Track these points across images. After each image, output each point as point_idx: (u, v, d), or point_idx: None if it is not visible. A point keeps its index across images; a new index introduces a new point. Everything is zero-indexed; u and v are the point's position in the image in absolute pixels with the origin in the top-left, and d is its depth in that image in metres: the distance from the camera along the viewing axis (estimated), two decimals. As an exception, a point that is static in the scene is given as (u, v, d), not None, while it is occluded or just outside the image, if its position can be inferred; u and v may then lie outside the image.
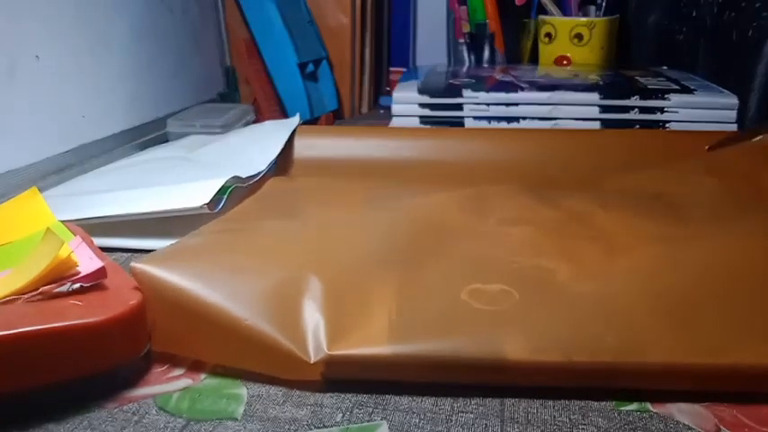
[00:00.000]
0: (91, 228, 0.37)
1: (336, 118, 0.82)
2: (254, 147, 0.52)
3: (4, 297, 0.27)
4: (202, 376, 0.28)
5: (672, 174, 0.46)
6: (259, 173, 0.46)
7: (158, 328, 0.29)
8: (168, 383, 0.27)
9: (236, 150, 0.53)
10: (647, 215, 0.39)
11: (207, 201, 0.40)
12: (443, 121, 0.61)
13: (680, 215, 0.39)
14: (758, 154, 0.47)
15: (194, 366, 0.29)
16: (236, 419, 0.25)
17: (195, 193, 0.40)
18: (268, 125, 0.58)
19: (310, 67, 0.77)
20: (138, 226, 0.41)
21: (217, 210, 0.41)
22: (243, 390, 0.27)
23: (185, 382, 0.27)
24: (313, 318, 0.27)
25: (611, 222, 0.38)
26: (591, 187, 0.45)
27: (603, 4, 0.77)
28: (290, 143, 0.53)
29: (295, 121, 0.55)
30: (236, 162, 0.49)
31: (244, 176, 0.45)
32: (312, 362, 0.26)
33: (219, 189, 0.41)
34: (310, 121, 0.77)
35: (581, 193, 0.43)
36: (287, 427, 0.25)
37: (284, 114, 0.75)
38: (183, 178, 0.46)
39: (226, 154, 0.53)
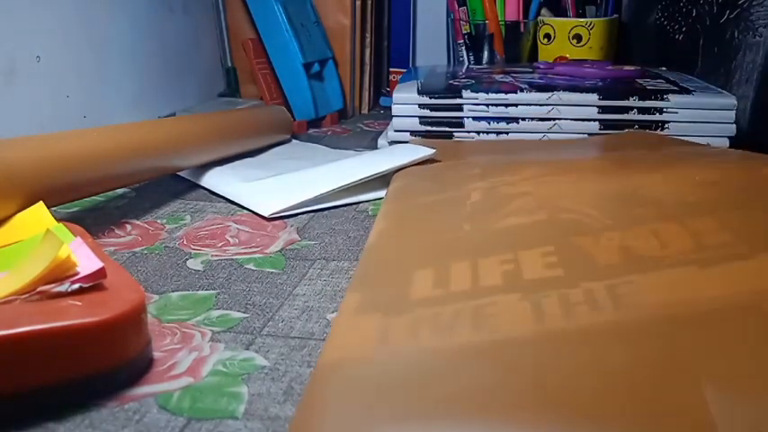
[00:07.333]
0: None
1: (342, 118, 0.82)
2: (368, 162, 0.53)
3: (2, 298, 0.27)
4: (203, 375, 0.28)
5: None
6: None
7: None
8: (169, 382, 0.27)
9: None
10: None
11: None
12: (443, 121, 0.61)
13: None
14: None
15: (195, 365, 0.29)
16: (238, 418, 0.25)
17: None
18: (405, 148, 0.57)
19: (316, 67, 0.78)
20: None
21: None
22: (244, 388, 0.27)
23: (186, 380, 0.28)
24: None
25: None
26: None
27: (603, 4, 0.77)
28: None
29: (427, 152, 0.53)
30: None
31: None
32: None
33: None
34: (315, 120, 0.77)
35: None
36: (288, 425, 0.25)
37: (290, 113, 0.76)
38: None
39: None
